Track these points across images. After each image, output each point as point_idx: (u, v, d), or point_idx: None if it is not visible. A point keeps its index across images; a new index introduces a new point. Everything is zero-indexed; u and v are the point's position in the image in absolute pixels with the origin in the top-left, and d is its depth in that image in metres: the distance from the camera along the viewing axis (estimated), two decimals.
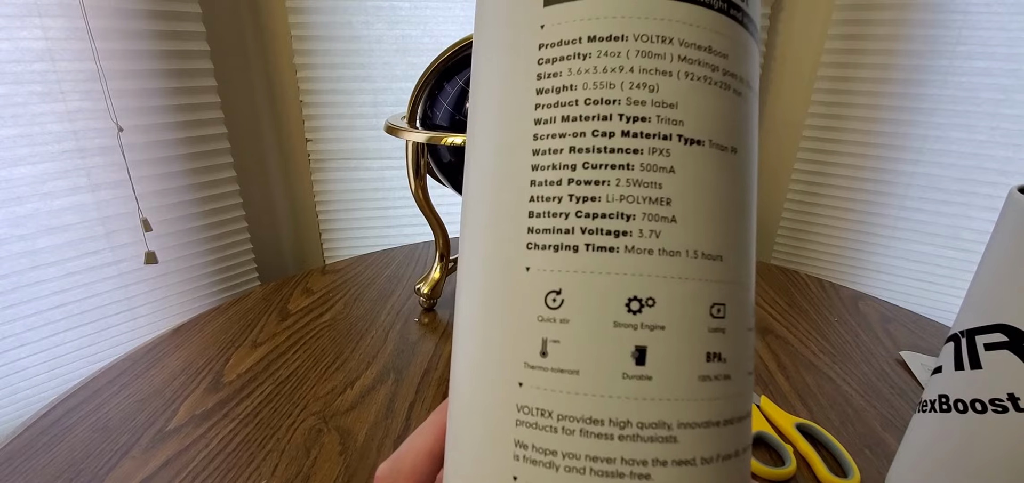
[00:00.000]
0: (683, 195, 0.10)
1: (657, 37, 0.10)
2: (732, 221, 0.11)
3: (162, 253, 0.77)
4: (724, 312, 0.10)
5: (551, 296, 0.10)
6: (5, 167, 0.63)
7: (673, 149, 0.10)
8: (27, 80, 0.62)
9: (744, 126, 0.11)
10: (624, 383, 0.10)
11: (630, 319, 0.10)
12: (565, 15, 0.10)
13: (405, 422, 0.39)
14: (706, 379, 0.10)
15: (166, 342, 0.50)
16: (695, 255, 0.10)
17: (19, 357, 0.68)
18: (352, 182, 0.96)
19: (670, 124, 0.10)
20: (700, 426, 0.10)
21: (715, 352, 0.10)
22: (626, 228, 0.10)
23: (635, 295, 0.10)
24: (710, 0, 0.10)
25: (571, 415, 0.10)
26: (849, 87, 0.89)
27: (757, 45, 0.12)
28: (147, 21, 0.69)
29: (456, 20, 0.88)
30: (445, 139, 0.46)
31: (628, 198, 0.10)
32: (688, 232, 0.10)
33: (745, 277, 0.11)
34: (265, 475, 0.34)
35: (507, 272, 0.11)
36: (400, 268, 0.67)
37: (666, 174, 0.10)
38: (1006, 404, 0.24)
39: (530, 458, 0.10)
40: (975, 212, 0.85)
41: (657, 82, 0.10)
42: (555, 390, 0.10)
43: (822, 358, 0.48)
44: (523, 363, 0.10)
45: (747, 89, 0.11)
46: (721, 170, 0.10)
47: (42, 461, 0.35)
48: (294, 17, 0.85)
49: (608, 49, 0.10)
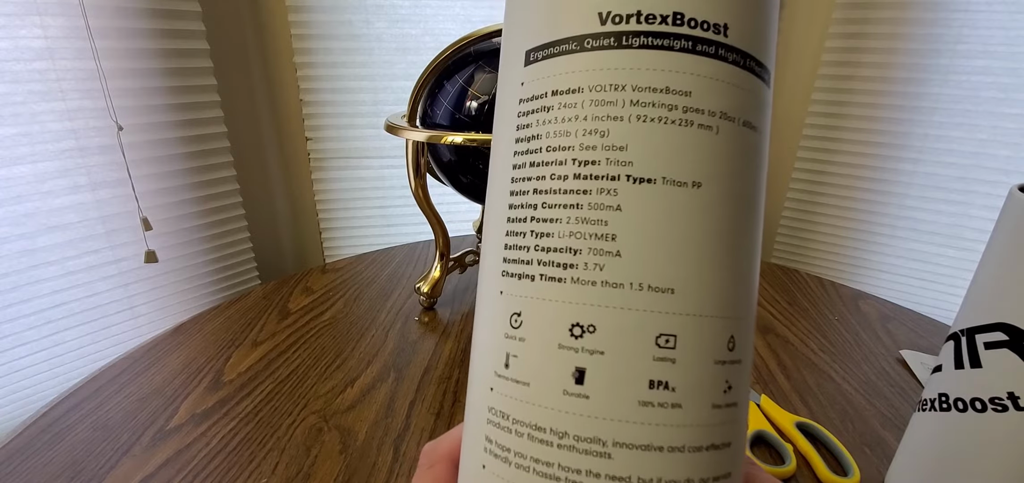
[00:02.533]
0: (628, 231, 0.11)
1: (610, 86, 0.11)
2: (691, 254, 0.11)
3: (162, 252, 0.77)
4: (674, 343, 0.11)
5: (514, 317, 0.12)
6: (5, 166, 0.63)
7: (621, 188, 0.11)
8: (27, 79, 0.62)
9: (715, 159, 0.11)
10: (564, 399, 0.11)
11: (572, 343, 0.11)
12: (537, 73, 0.12)
13: (405, 421, 0.39)
14: (648, 405, 0.11)
15: (166, 341, 0.50)
16: (641, 287, 0.11)
17: (19, 356, 0.68)
18: (352, 181, 0.96)
19: (619, 165, 0.11)
20: (639, 448, 0.11)
21: (661, 380, 0.11)
22: (573, 261, 0.11)
23: (577, 321, 0.11)
24: (670, 43, 0.11)
25: (521, 420, 0.11)
26: (849, 86, 0.89)
27: (751, 71, 0.12)
28: (147, 20, 0.69)
29: (456, 19, 0.88)
30: (445, 138, 0.46)
31: (576, 234, 0.11)
32: (633, 266, 0.11)
33: (712, 309, 0.11)
34: (265, 474, 0.34)
35: (490, 293, 0.13)
36: (400, 267, 0.67)
37: (612, 212, 0.11)
38: (1006, 403, 0.24)
39: (493, 451, 0.12)
40: (975, 211, 0.85)
41: (607, 127, 0.11)
42: (512, 397, 0.12)
43: (822, 357, 0.48)
44: (494, 372, 0.12)
45: (724, 121, 0.11)
46: (677, 206, 0.11)
47: (42, 460, 0.35)
48: (294, 15, 0.85)
49: (566, 101, 0.11)
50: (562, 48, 0.12)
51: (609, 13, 0.11)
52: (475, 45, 0.49)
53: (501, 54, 0.14)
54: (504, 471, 0.12)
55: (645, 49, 0.11)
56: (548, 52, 0.12)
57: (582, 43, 0.11)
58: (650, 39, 0.11)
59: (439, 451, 0.16)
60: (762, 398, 0.40)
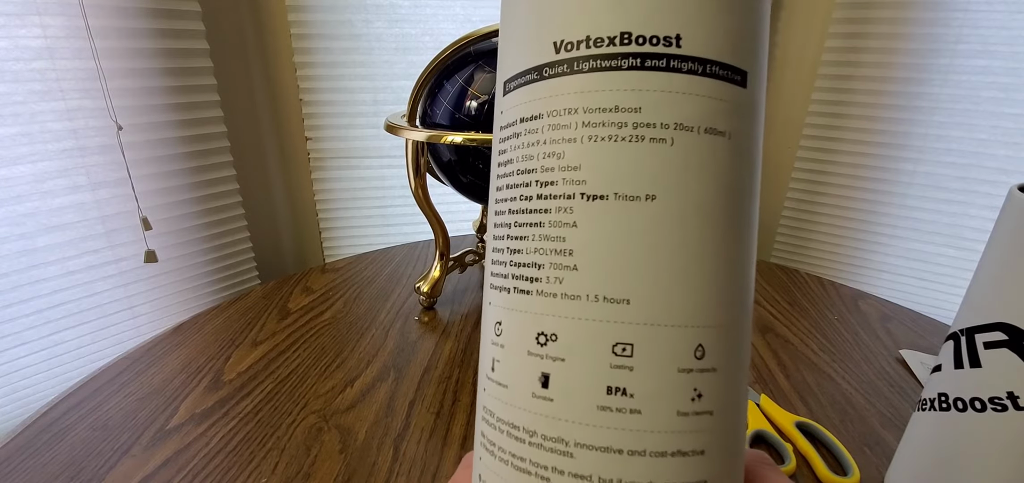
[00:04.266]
0: (584, 246, 0.12)
1: (564, 110, 0.12)
2: (644, 265, 0.11)
3: (162, 252, 0.77)
4: (631, 351, 0.11)
5: (497, 325, 0.13)
6: (4, 166, 0.63)
7: (576, 206, 0.12)
8: (26, 78, 0.62)
9: (669, 171, 0.11)
10: (533, 401, 0.12)
11: (538, 350, 0.12)
12: (510, 102, 0.13)
13: (405, 420, 0.39)
14: (606, 409, 0.11)
15: (166, 341, 0.50)
16: (596, 298, 0.12)
17: (19, 356, 0.68)
18: (352, 181, 0.96)
19: (573, 184, 0.12)
20: (597, 449, 0.11)
21: (618, 386, 0.11)
22: (537, 275, 0.12)
23: (542, 330, 0.12)
24: (618, 63, 0.11)
25: (502, 419, 0.13)
26: (849, 86, 0.89)
27: (711, 78, 0.11)
28: (147, 19, 0.69)
29: (456, 19, 0.88)
30: (445, 138, 0.46)
31: (540, 250, 0.12)
32: (589, 278, 0.12)
33: (671, 319, 0.11)
34: (265, 473, 0.34)
35: (484, 303, 0.14)
36: (400, 267, 0.67)
37: (570, 228, 0.12)
38: (1005, 403, 0.24)
39: (484, 445, 0.13)
40: (975, 211, 0.85)
41: (563, 149, 0.12)
42: (495, 398, 0.13)
43: (822, 357, 0.48)
44: (485, 374, 0.13)
45: (678, 132, 0.11)
46: (630, 219, 0.11)
47: (42, 460, 0.35)
48: (294, 15, 0.85)
49: (530, 127, 0.12)
50: (527, 78, 0.12)
51: (562, 41, 0.12)
52: (475, 45, 0.49)
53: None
54: (492, 463, 0.13)
55: (594, 72, 0.12)
56: (517, 83, 0.13)
57: (541, 72, 0.12)
58: (598, 61, 0.12)
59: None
60: (762, 398, 0.41)
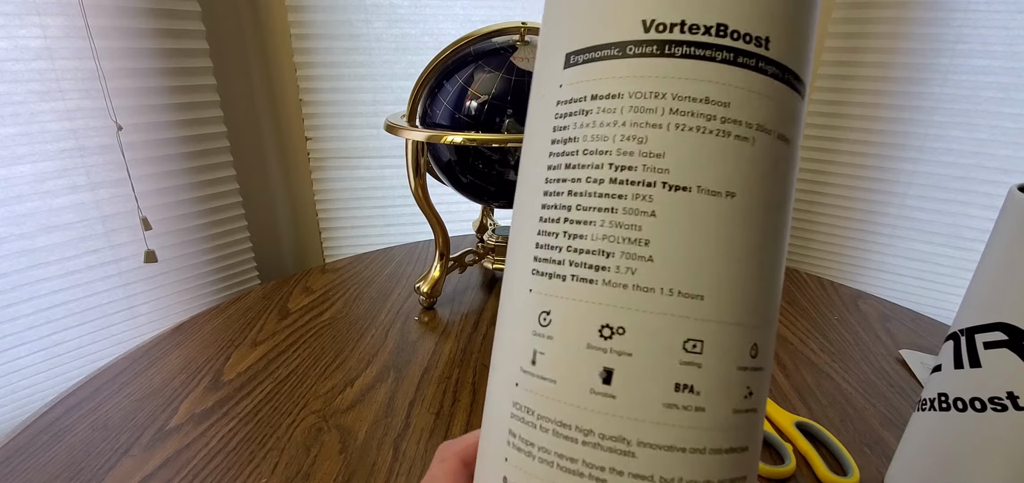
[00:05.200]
0: (662, 237, 0.11)
1: (650, 93, 0.11)
2: (721, 262, 0.11)
3: (162, 252, 0.77)
4: (701, 348, 0.11)
5: (543, 315, 0.12)
6: (4, 166, 0.63)
7: (656, 195, 0.11)
8: (26, 78, 0.62)
9: (749, 170, 0.11)
10: (591, 397, 0.11)
11: (601, 343, 0.11)
12: (576, 76, 0.12)
13: (405, 420, 0.39)
14: (672, 407, 0.11)
15: (166, 341, 0.50)
16: (670, 293, 0.11)
17: (19, 356, 0.68)
18: (352, 181, 0.96)
19: (655, 172, 0.11)
20: (662, 448, 0.11)
21: (686, 384, 0.11)
22: (605, 264, 0.11)
23: (607, 323, 0.11)
24: (712, 54, 0.11)
25: (546, 416, 0.12)
26: (849, 86, 0.89)
27: (789, 84, 0.12)
28: (146, 19, 0.69)
29: (456, 18, 0.88)
30: (445, 138, 0.46)
31: (610, 237, 0.11)
32: (664, 271, 0.11)
33: (738, 317, 0.12)
34: (265, 474, 0.34)
35: (518, 290, 0.13)
36: (400, 267, 0.67)
37: (647, 217, 0.11)
38: (1005, 403, 0.24)
39: (516, 445, 0.12)
40: (975, 211, 0.85)
41: (646, 134, 0.11)
42: (537, 394, 0.12)
43: (822, 357, 0.48)
44: (519, 367, 0.12)
45: (760, 133, 0.12)
46: (710, 214, 0.11)
47: (42, 460, 0.35)
48: (294, 15, 0.85)
49: (606, 106, 0.12)
50: (603, 53, 0.12)
51: (652, 21, 0.11)
52: (475, 45, 0.49)
53: (538, 53, 0.14)
54: (527, 465, 0.12)
55: (687, 59, 0.11)
56: (589, 56, 0.12)
57: (624, 49, 0.11)
58: (692, 49, 0.11)
59: (453, 449, 0.17)
60: None
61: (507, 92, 0.46)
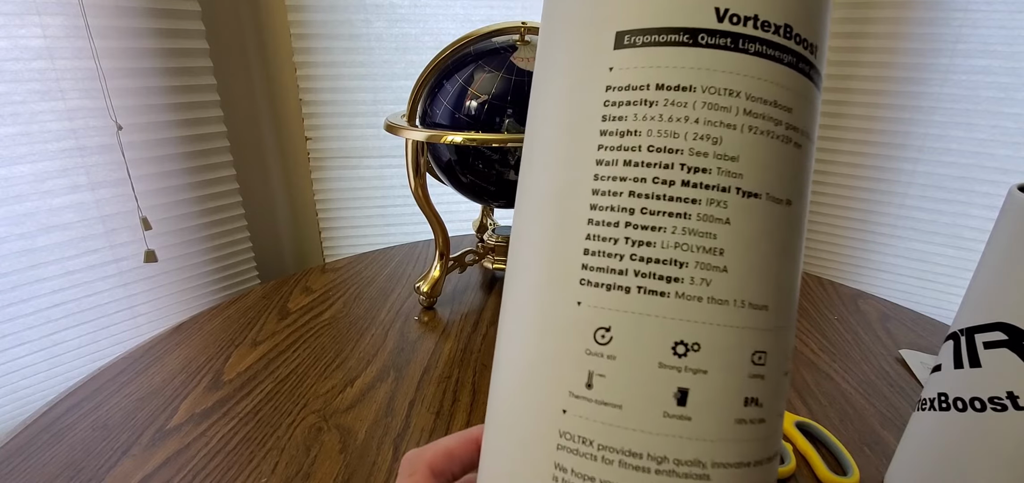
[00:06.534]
0: (736, 246, 0.10)
1: (725, 90, 0.10)
2: (780, 271, 0.11)
3: (162, 252, 0.77)
4: (765, 359, 0.11)
5: (600, 332, 0.11)
6: (4, 165, 0.63)
7: (731, 201, 0.10)
8: (26, 78, 0.62)
9: (800, 178, 0.11)
10: (664, 421, 0.10)
11: (675, 362, 0.10)
12: (635, 60, 0.11)
13: (405, 420, 0.39)
14: (742, 422, 0.11)
15: (166, 341, 0.50)
16: (742, 304, 0.11)
17: (19, 356, 0.68)
18: (352, 181, 0.96)
19: (730, 176, 0.10)
20: (732, 466, 0.11)
21: (753, 397, 0.11)
22: (678, 274, 0.10)
23: (682, 339, 0.10)
24: (780, 55, 0.11)
25: (611, 446, 0.10)
26: (849, 86, 0.89)
27: (820, 92, 0.12)
28: (146, 19, 0.69)
29: (456, 18, 0.88)
30: (445, 138, 0.46)
31: (683, 246, 0.10)
32: (737, 282, 0.11)
33: (787, 323, 0.12)
34: (265, 473, 0.34)
35: (558, 304, 0.11)
36: (400, 267, 0.67)
37: (722, 225, 0.10)
38: (1005, 402, 0.24)
39: (568, 481, 0.11)
40: (975, 210, 0.85)
41: (721, 134, 0.10)
42: (597, 421, 0.11)
43: (822, 356, 0.48)
44: (568, 392, 0.11)
45: (807, 141, 0.11)
46: (774, 222, 0.11)
47: (42, 459, 0.35)
48: (294, 15, 0.85)
49: (675, 98, 0.10)
50: (670, 38, 0.10)
51: (727, 10, 0.10)
52: (475, 45, 0.49)
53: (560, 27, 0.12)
54: None
55: (760, 57, 0.10)
56: (651, 39, 0.11)
57: (696, 37, 0.10)
58: (765, 48, 0.10)
59: (421, 459, 0.16)
60: None
61: (507, 92, 0.46)
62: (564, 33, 0.12)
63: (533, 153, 0.12)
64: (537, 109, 0.13)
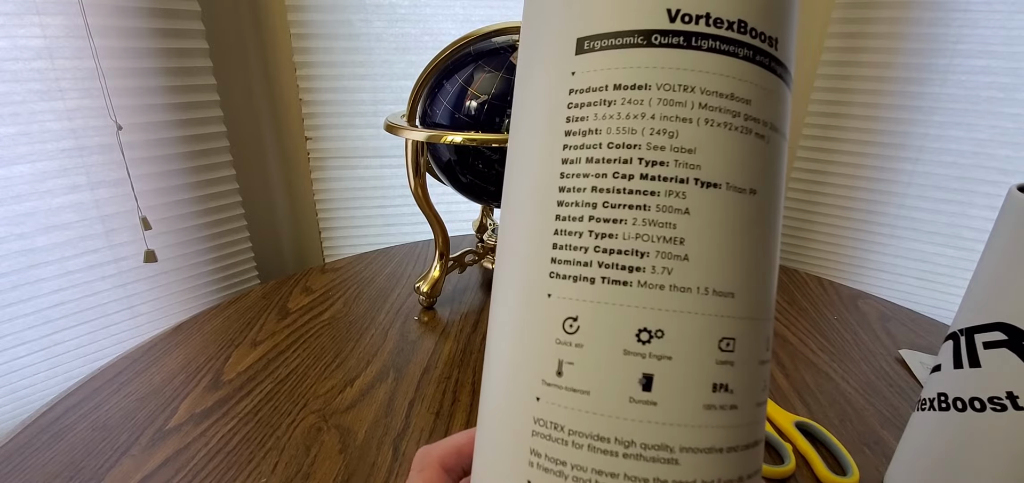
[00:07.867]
0: (696, 235, 0.11)
1: (679, 86, 0.11)
2: (747, 259, 0.11)
3: (161, 252, 0.77)
4: (733, 346, 0.11)
5: (568, 322, 0.11)
6: (4, 165, 0.63)
7: (689, 192, 0.11)
8: (26, 78, 0.62)
9: (766, 168, 0.12)
10: (630, 406, 0.11)
11: (639, 348, 0.11)
12: (594, 64, 0.11)
13: (405, 420, 0.39)
14: (711, 408, 0.11)
15: (166, 341, 0.50)
16: (706, 292, 0.11)
17: (18, 356, 0.68)
18: (352, 180, 0.96)
19: (687, 168, 0.11)
20: (702, 451, 0.11)
21: (722, 383, 0.11)
22: (640, 264, 0.11)
23: (645, 326, 0.11)
24: (735, 50, 0.11)
25: (581, 431, 0.11)
26: (848, 86, 0.89)
27: (788, 87, 0.12)
28: (146, 19, 0.69)
29: (456, 18, 0.88)
30: (445, 138, 0.46)
31: (643, 236, 0.11)
32: (700, 270, 0.11)
33: (759, 312, 0.12)
34: (265, 473, 0.34)
35: (532, 296, 0.12)
36: (400, 267, 0.67)
37: (681, 215, 0.11)
38: (1005, 403, 0.24)
39: (543, 466, 0.11)
40: (975, 211, 0.85)
41: (677, 128, 0.11)
42: (568, 407, 0.11)
43: (821, 356, 0.48)
44: (541, 380, 0.12)
45: (772, 132, 0.12)
46: (737, 211, 0.11)
47: (42, 459, 0.35)
48: (293, 15, 0.85)
49: (632, 97, 0.11)
50: (626, 41, 0.11)
51: (678, 11, 0.11)
52: (474, 45, 0.49)
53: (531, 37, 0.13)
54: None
55: (714, 53, 0.11)
56: (608, 43, 0.11)
57: (649, 38, 0.11)
58: (718, 43, 0.11)
59: (431, 456, 0.17)
60: None
61: (507, 92, 0.46)
62: (535, 42, 0.13)
63: (512, 155, 0.13)
64: (515, 113, 0.13)
